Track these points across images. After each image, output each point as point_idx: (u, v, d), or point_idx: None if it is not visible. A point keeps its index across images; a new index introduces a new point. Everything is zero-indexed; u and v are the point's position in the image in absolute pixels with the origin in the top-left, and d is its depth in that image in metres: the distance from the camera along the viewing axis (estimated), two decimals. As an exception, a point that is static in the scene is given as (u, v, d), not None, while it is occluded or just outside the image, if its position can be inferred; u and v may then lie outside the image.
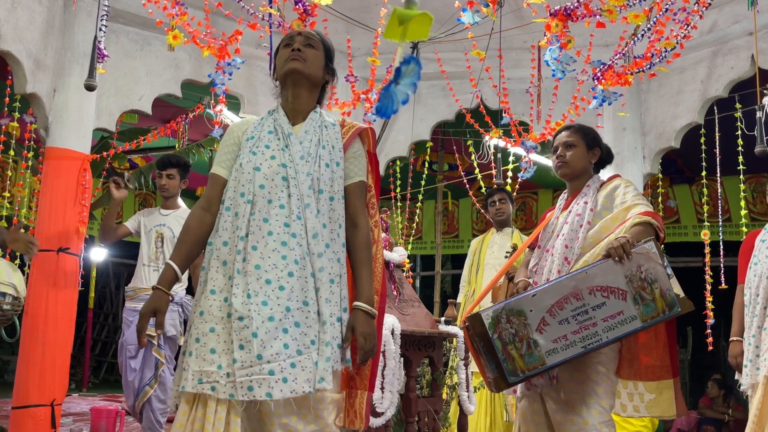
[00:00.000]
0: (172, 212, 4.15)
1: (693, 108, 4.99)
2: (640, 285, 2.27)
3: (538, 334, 2.26)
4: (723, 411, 6.77)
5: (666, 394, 2.49)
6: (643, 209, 2.47)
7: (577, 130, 2.71)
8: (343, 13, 5.08)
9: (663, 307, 2.27)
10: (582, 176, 2.69)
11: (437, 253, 8.12)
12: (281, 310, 1.86)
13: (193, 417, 1.84)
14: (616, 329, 2.26)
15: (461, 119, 5.61)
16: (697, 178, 6.39)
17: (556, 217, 2.72)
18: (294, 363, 1.84)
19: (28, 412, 4.11)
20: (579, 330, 2.26)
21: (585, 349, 2.26)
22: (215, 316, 1.90)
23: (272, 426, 1.87)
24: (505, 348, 2.27)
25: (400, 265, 3.62)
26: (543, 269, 2.62)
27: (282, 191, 1.97)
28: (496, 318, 2.28)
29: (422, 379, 3.82)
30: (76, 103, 4.47)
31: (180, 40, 4.21)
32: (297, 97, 2.11)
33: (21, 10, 4.14)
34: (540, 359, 2.26)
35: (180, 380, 1.89)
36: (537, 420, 2.54)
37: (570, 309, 2.26)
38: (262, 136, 2.07)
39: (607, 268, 2.28)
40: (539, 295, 2.29)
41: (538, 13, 4.40)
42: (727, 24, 4.76)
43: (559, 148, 2.69)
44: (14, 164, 6.18)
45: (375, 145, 2.24)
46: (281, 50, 2.13)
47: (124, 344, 3.98)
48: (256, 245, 1.92)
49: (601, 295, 2.26)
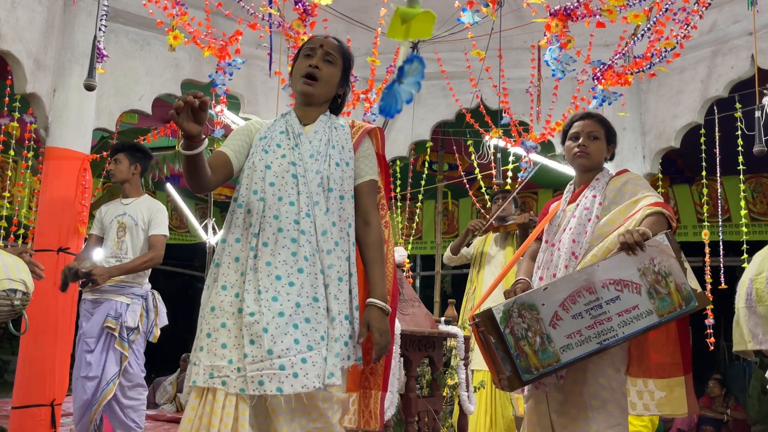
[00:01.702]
0: (133, 200, 3.90)
1: (693, 108, 4.99)
2: (654, 278, 2.20)
3: (551, 329, 2.19)
4: (722, 411, 6.77)
5: (677, 392, 2.40)
6: (653, 200, 2.40)
7: (601, 122, 2.64)
8: (343, 13, 5.09)
9: (679, 301, 2.20)
10: (595, 169, 2.64)
11: (437, 253, 8.11)
12: (291, 306, 1.88)
13: (201, 411, 1.85)
14: (632, 324, 2.19)
15: (461, 119, 5.61)
16: (697, 178, 6.40)
17: (562, 210, 2.64)
18: (305, 358, 1.86)
19: (28, 412, 4.12)
20: (593, 325, 2.19)
21: (601, 345, 2.18)
22: (226, 311, 1.92)
23: (279, 421, 1.88)
24: (518, 344, 2.20)
25: (400, 265, 3.62)
26: (549, 264, 2.55)
27: (292, 188, 1.99)
28: (507, 312, 2.21)
29: (422, 379, 3.82)
30: (76, 103, 4.47)
31: (180, 40, 4.21)
32: (309, 108, 2.16)
33: (21, 10, 4.14)
34: (555, 356, 2.19)
35: (192, 375, 1.91)
36: (543, 423, 2.45)
37: (583, 303, 2.19)
38: (274, 135, 2.10)
39: (619, 261, 2.21)
40: (551, 289, 2.23)
41: (538, 13, 4.40)
42: (726, 24, 4.76)
43: (581, 137, 2.61)
44: (14, 164, 6.18)
45: (384, 146, 2.25)
46: (301, 58, 2.15)
47: (82, 337, 3.73)
48: (267, 242, 1.94)
49: (615, 289, 2.19)
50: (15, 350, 9.78)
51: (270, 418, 1.90)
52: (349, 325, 2.00)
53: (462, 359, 3.61)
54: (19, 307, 2.54)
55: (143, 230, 3.83)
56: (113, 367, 3.66)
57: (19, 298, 2.53)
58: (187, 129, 1.78)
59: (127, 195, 3.95)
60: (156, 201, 4.00)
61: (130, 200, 3.92)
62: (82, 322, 3.79)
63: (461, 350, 3.60)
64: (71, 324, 4.38)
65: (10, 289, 2.50)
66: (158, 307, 3.90)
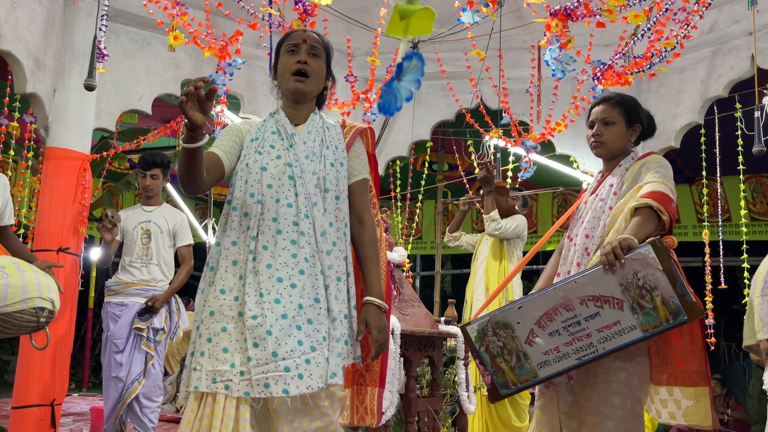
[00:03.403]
0: (155, 209, 4.18)
1: (693, 108, 4.99)
2: (638, 293, 2.05)
3: (527, 346, 2.15)
4: (722, 411, 6.77)
5: (703, 402, 2.22)
6: (650, 188, 2.23)
7: (616, 104, 2.44)
8: (343, 13, 5.08)
9: (666, 315, 2.04)
10: (620, 155, 2.45)
11: (437, 253, 8.11)
12: (294, 308, 1.88)
13: (201, 414, 1.84)
14: (612, 340, 2.08)
15: (461, 119, 5.61)
16: (697, 178, 6.40)
17: (584, 202, 2.50)
18: (309, 359, 1.86)
19: (28, 412, 4.11)
20: (572, 341, 2.11)
21: (580, 360, 2.12)
22: (226, 315, 1.91)
23: (280, 422, 1.88)
24: (494, 361, 2.19)
25: (400, 265, 3.62)
26: (566, 261, 2.45)
27: (289, 190, 1.98)
28: (481, 331, 2.21)
29: (422, 379, 3.83)
30: (76, 103, 4.47)
31: (181, 40, 4.21)
32: (299, 106, 2.15)
33: (21, 10, 4.14)
34: (532, 371, 2.16)
35: (189, 380, 1.90)
36: (552, 423, 2.36)
37: (560, 320, 2.12)
38: (266, 136, 2.08)
39: (598, 276, 2.08)
40: (525, 307, 2.17)
41: (538, 13, 4.40)
42: (726, 24, 4.76)
43: (595, 125, 2.44)
44: (14, 164, 6.18)
45: (374, 146, 2.26)
46: (285, 56, 2.13)
47: (110, 339, 3.94)
48: (266, 244, 1.94)
49: (594, 305, 2.08)
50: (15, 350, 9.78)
51: (270, 419, 1.90)
52: (348, 324, 2.01)
53: (462, 359, 3.61)
54: (43, 324, 2.68)
55: (169, 237, 4.10)
56: (138, 366, 3.88)
57: (45, 315, 2.67)
58: (193, 118, 1.75)
59: (151, 203, 4.20)
60: (177, 210, 4.29)
61: (153, 208, 4.19)
62: (109, 324, 4.00)
63: (461, 350, 3.60)
64: (71, 324, 4.39)
65: (40, 307, 2.64)
66: (180, 310, 4.16)
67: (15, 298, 2.56)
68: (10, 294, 2.56)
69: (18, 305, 2.57)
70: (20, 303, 2.58)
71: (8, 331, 2.63)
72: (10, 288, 2.56)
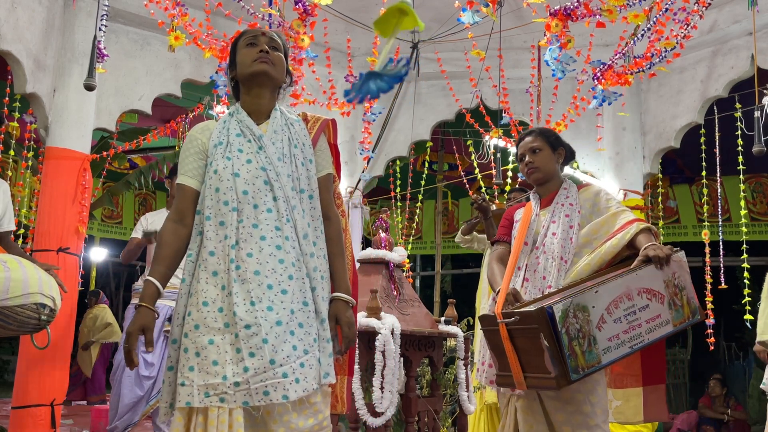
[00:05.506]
0: None
1: (693, 108, 4.99)
2: (674, 291, 2.36)
3: (597, 331, 2.26)
4: (722, 411, 6.77)
5: (633, 401, 2.59)
6: (632, 217, 2.56)
7: (539, 134, 2.72)
8: (343, 13, 5.09)
9: (688, 313, 2.36)
10: (553, 179, 2.71)
11: (437, 253, 8.12)
12: (287, 314, 1.87)
13: (194, 424, 1.82)
14: (655, 331, 2.32)
15: (461, 119, 5.62)
16: (697, 178, 6.40)
17: (536, 214, 2.70)
18: (303, 363, 1.87)
19: (28, 412, 4.11)
20: (628, 330, 2.29)
21: (632, 349, 2.29)
22: (212, 327, 1.87)
23: (275, 424, 1.87)
24: (571, 343, 2.24)
25: (400, 265, 3.62)
26: (537, 267, 2.60)
27: (266, 195, 1.95)
28: (565, 311, 2.24)
29: (422, 379, 3.83)
30: (76, 103, 4.47)
31: (181, 40, 4.21)
32: (260, 97, 2.07)
33: (21, 10, 4.14)
34: (597, 357, 2.26)
35: (178, 395, 1.84)
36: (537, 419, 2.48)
37: (623, 308, 2.30)
38: (232, 140, 2.01)
39: (651, 272, 2.35)
40: (600, 292, 2.30)
41: (538, 13, 4.40)
42: (726, 24, 4.76)
43: (525, 156, 2.70)
44: (14, 164, 6.18)
45: (336, 135, 2.24)
46: (244, 49, 2.07)
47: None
48: (251, 252, 1.90)
49: (646, 297, 2.33)
50: (15, 350, 9.79)
51: (265, 421, 1.89)
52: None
53: (461, 359, 3.61)
54: (44, 323, 2.69)
55: None
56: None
57: (47, 313, 2.68)
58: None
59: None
60: None
61: None
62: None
63: (461, 350, 3.60)
64: (71, 324, 4.39)
65: (41, 303, 2.65)
66: None
67: (17, 291, 2.57)
68: (11, 288, 2.56)
69: (19, 299, 2.58)
70: (22, 297, 2.58)
71: (9, 327, 2.63)
72: (11, 282, 2.57)
